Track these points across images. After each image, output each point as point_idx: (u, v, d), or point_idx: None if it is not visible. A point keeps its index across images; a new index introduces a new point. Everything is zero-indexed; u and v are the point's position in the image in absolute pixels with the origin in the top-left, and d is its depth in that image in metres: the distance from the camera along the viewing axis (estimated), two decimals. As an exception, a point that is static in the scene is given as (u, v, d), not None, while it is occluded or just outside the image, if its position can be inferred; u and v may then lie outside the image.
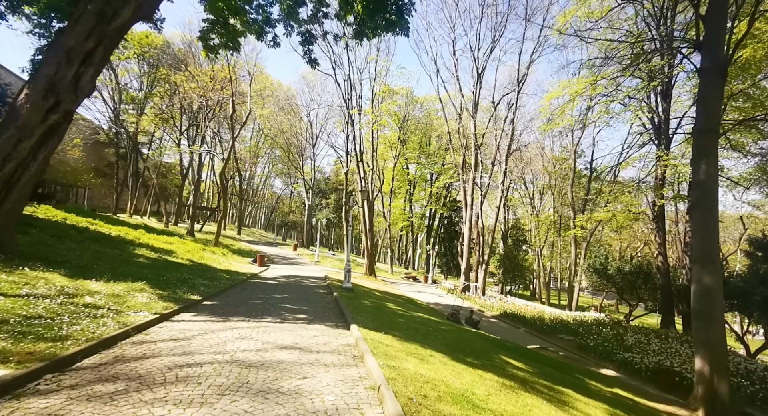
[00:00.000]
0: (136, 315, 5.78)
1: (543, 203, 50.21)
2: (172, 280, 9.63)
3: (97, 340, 4.27)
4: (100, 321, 4.98)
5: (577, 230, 22.51)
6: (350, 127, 25.60)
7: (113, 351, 4.29)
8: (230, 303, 8.53)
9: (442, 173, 49.58)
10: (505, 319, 20.00)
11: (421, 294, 23.73)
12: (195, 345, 4.84)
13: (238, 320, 6.74)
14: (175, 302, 7.24)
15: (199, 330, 5.75)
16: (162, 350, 4.48)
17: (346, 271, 13.45)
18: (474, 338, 9.60)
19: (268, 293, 10.98)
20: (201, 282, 10.40)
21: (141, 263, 11.60)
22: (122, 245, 13.95)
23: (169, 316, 6.40)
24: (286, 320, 7.15)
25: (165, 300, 7.23)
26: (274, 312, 7.81)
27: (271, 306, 8.54)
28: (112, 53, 11.53)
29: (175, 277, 10.15)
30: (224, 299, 9.02)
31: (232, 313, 7.34)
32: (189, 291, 8.69)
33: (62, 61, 8.63)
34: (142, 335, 5.12)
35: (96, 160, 46.29)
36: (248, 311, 7.72)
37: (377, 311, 9.82)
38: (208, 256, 18.50)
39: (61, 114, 8.64)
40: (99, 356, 4.07)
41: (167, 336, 5.15)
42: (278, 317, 7.36)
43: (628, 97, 19.12)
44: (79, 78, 8.84)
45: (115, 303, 6.19)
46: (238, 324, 6.35)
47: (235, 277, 13.58)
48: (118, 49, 35.26)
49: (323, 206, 56.13)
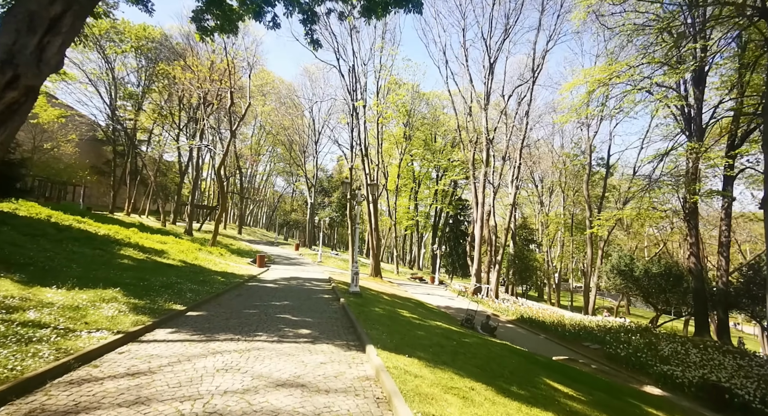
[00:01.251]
0: (90, 336, 4.45)
1: (551, 202, 48.77)
2: (155, 285, 8.33)
3: (8, 383, 2.95)
4: (32, 348, 3.66)
5: (597, 229, 21.12)
6: (355, 120, 24.25)
7: (31, 399, 2.97)
8: (220, 314, 7.21)
9: (449, 169, 48.19)
10: (522, 324, 18.63)
11: (430, 297, 22.38)
12: (158, 384, 3.52)
13: (225, 339, 5.41)
14: (150, 315, 5.93)
15: (171, 356, 4.42)
16: (106, 395, 3.16)
17: (353, 274, 12.12)
18: (504, 353, 8.26)
19: (267, 299, 9.66)
20: (190, 287, 9.09)
21: (123, 265, 10.30)
22: (107, 244, 12.67)
23: (138, 335, 5.09)
24: (285, 337, 5.82)
25: (138, 313, 5.91)
26: (272, 326, 6.48)
27: (268, 318, 7.22)
28: (85, 21, 10.14)
29: (159, 281, 8.85)
30: (214, 309, 7.70)
31: (219, 328, 6.03)
32: (172, 299, 7.38)
33: (22, 29, 7.25)
34: (90, 367, 3.80)
35: (94, 158, 45.16)
36: (240, 325, 6.40)
37: (391, 321, 8.48)
38: (204, 256, 17.21)
39: (21, 91, 7.26)
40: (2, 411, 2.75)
41: (124, 369, 3.83)
42: (276, 333, 6.04)
43: (656, 85, 17.71)
44: (44, 49, 7.48)
45: (69, 319, 4.87)
46: (224, 346, 5.03)
47: (230, 280, 12.27)
48: (114, 43, 34.16)
49: (326, 204, 54.84)
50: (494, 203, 26.00)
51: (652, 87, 17.76)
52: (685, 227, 16.62)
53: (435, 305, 19.91)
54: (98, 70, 34.00)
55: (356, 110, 24.35)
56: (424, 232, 55.39)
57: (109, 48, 33.56)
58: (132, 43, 34.55)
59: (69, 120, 31.68)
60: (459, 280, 53.78)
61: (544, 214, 40.93)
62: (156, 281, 8.85)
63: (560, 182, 43.67)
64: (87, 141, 42.48)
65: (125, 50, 34.50)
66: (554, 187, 47.02)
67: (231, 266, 16.70)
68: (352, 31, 20.87)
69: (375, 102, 24.16)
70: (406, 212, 50.18)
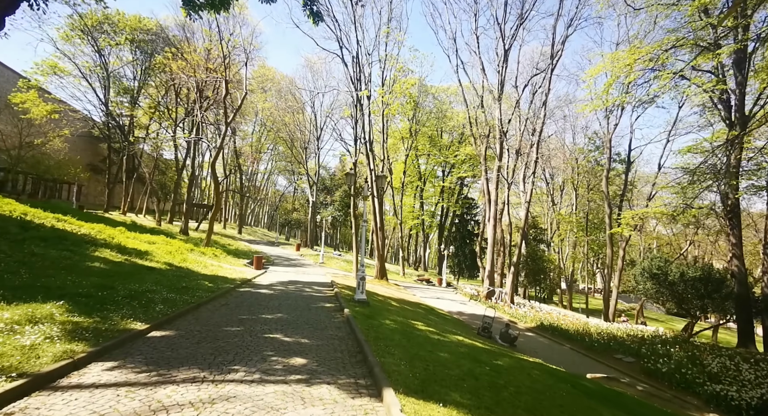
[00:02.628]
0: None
1: (562, 200, 47.06)
2: (119, 295, 6.78)
3: None
4: None
5: (622, 228, 19.45)
6: (359, 112, 22.70)
7: None
8: (192, 334, 5.65)
9: (456, 166, 46.54)
10: (543, 333, 17.01)
11: (440, 301, 20.80)
12: None
13: (184, 378, 3.86)
14: (91, 342, 4.39)
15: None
16: None
17: (359, 279, 10.55)
18: (548, 380, 6.66)
19: (257, 310, 8.11)
20: (164, 296, 7.55)
21: (91, 269, 8.79)
22: (80, 245, 11.17)
23: (56, 377, 3.54)
24: (270, 373, 4.26)
25: (74, 338, 4.37)
26: (255, 354, 4.92)
27: (253, 339, 5.65)
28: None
29: (127, 290, 7.30)
30: (187, 326, 6.14)
31: (183, 359, 4.48)
32: (134, 314, 5.84)
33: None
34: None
35: (91, 155, 43.87)
36: (213, 352, 4.85)
37: (407, 339, 6.91)
38: (194, 258, 15.70)
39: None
40: None
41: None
42: (259, 365, 4.48)
43: (692, 69, 16.02)
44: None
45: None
46: (179, 394, 3.47)
47: (218, 286, 10.73)
48: (108, 35, 32.76)
49: (328, 203, 53.35)
50: (508, 200, 24.34)
51: (686, 70, 16.07)
52: (727, 225, 14.93)
53: (446, 311, 18.35)
54: (91, 63, 32.62)
55: (360, 102, 22.80)
56: (429, 232, 53.73)
57: (102, 40, 32.13)
58: (126, 35, 33.16)
59: (63, 116, 30.29)
60: (465, 281, 52.13)
61: (557, 213, 39.18)
62: (123, 289, 7.31)
63: (572, 179, 41.95)
64: (83, 138, 41.15)
65: (119, 42, 33.10)
66: (565, 184, 45.31)
67: (224, 269, 15.18)
68: (356, 12, 19.19)
69: (380, 91, 22.57)
70: (411, 211, 48.59)
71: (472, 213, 56.84)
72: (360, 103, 22.77)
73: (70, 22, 29.96)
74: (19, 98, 27.08)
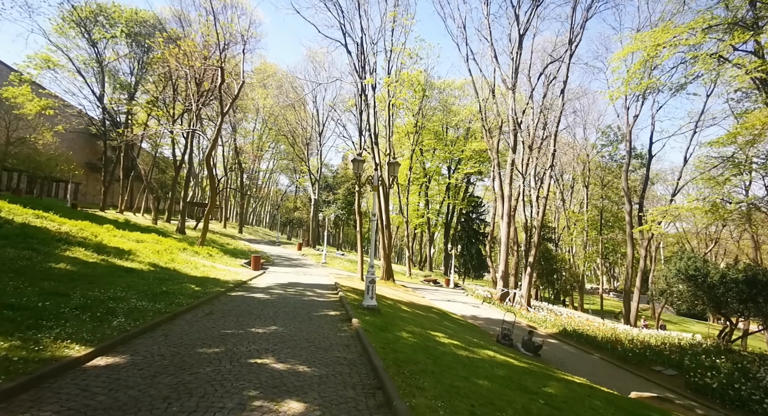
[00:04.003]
0: None
1: (572, 198, 45.45)
2: (70, 305, 5.36)
3: None
4: None
5: (649, 225, 17.90)
6: (363, 103, 21.27)
7: None
8: (149, 363, 4.20)
9: (462, 162, 45.05)
10: (567, 340, 15.50)
11: (452, 304, 19.34)
12: None
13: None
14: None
15: None
16: None
17: (369, 282, 9.09)
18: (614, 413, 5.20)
19: (246, 322, 6.67)
20: (132, 305, 6.13)
21: (51, 272, 7.39)
22: (50, 244, 9.79)
23: None
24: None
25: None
26: (231, 397, 3.46)
27: (233, 368, 4.20)
28: None
29: (83, 298, 5.89)
30: (147, 348, 4.68)
31: (116, 410, 3.04)
32: (79, 332, 4.42)
33: None
34: None
35: (89, 153, 42.70)
36: (168, 395, 3.39)
37: (434, 361, 5.47)
38: (185, 258, 14.30)
39: None
40: None
41: None
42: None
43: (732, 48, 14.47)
44: None
45: None
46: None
47: (206, 290, 9.30)
48: (103, 28, 31.50)
49: (331, 201, 51.94)
50: (524, 195, 22.83)
51: (726, 50, 14.53)
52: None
53: (460, 315, 16.89)
54: (86, 56, 31.33)
55: (365, 92, 21.36)
56: (434, 231, 52.22)
57: (96, 32, 30.81)
58: (122, 27, 31.87)
59: (59, 111, 29.03)
60: (471, 281, 50.58)
61: (570, 211, 37.60)
62: (79, 297, 5.89)
63: (583, 175, 40.35)
64: (82, 136, 39.99)
65: (115, 35, 31.80)
66: (575, 181, 43.70)
67: (217, 270, 13.77)
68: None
69: (387, 80, 21.12)
70: (416, 209, 47.11)
71: (478, 212, 55.32)
72: (365, 93, 21.33)
73: (61, 13, 28.70)
74: (11, 93, 25.81)
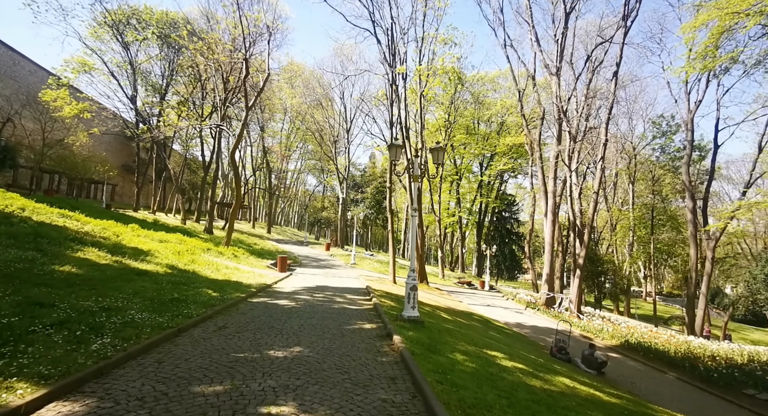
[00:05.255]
0: None
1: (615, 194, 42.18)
2: (47, 320, 4.30)
3: None
4: None
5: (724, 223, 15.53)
6: (394, 94, 19.95)
7: None
8: (127, 407, 3.02)
9: (495, 158, 42.89)
10: (630, 354, 13.50)
11: (493, 310, 17.64)
12: None
13: None
14: None
15: None
16: None
17: (410, 289, 7.68)
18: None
19: (265, 340, 5.45)
20: (128, 318, 5.04)
21: (50, 276, 6.48)
22: (61, 244, 9.05)
23: None
24: None
25: None
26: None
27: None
28: None
29: (69, 310, 4.84)
30: (127, 384, 3.48)
31: None
32: (37, 362, 3.31)
33: None
34: None
35: (126, 156, 43.74)
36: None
37: (506, 398, 4.03)
38: (207, 259, 13.45)
39: None
40: None
41: None
42: None
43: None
44: None
45: None
46: None
47: (225, 296, 8.22)
48: (137, 31, 31.87)
49: (359, 200, 50.95)
50: (572, 189, 20.73)
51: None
52: None
53: (503, 323, 15.20)
54: (120, 59, 31.84)
55: (395, 83, 20.02)
56: (466, 230, 50.17)
57: (129, 34, 31.15)
58: (153, 29, 32.14)
59: (95, 115, 29.60)
60: (504, 282, 48.18)
61: (615, 207, 34.70)
62: (65, 308, 4.86)
63: (629, 170, 37.20)
64: (118, 139, 41.02)
65: (146, 37, 32.11)
66: (619, 177, 40.46)
67: (240, 272, 12.80)
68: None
69: (418, 68, 19.67)
70: (446, 208, 45.27)
71: (511, 210, 52.82)
72: (395, 84, 19.99)
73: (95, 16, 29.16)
74: (50, 96, 26.32)
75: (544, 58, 21.00)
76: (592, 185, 31.03)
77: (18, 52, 28.45)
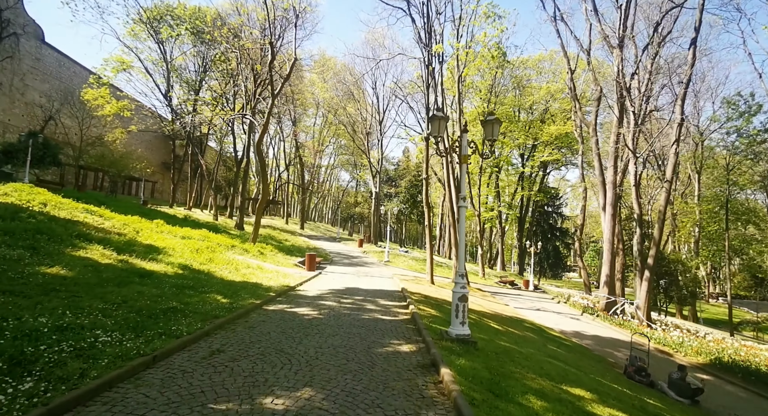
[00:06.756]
0: None
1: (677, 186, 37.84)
2: None
3: None
4: None
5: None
6: (430, 76, 18.15)
7: None
8: None
9: (537, 148, 39.87)
10: (724, 375, 11.06)
11: (544, 315, 15.55)
12: None
13: None
14: None
15: None
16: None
17: (458, 301, 5.99)
18: None
19: (264, 376, 4.02)
20: (88, 343, 3.80)
21: (30, 280, 5.43)
22: (62, 241, 8.20)
23: None
24: None
25: None
26: None
27: None
28: None
29: (19, 329, 3.66)
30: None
31: None
32: None
33: None
34: None
35: (165, 154, 44.85)
36: None
37: None
38: (228, 257, 12.39)
39: None
40: None
41: None
42: None
43: None
44: None
45: None
46: None
47: (235, 303, 6.93)
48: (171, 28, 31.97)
49: (392, 195, 49.42)
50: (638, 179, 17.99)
51: None
52: None
53: (559, 332, 13.15)
54: (156, 57, 32.11)
55: (431, 64, 18.19)
56: (506, 225, 47.37)
57: (163, 31, 31.21)
58: (187, 25, 32.09)
59: (134, 113, 30.07)
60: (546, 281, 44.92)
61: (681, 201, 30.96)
62: (11, 327, 3.67)
63: (696, 158, 33.09)
64: (158, 137, 42.00)
65: (180, 33, 32.10)
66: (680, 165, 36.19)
67: (263, 272, 11.63)
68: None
69: (456, 45, 17.73)
70: (484, 202, 42.78)
71: (554, 204, 49.43)
72: (431, 65, 18.17)
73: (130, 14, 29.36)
74: (91, 95, 26.75)
75: (603, 29, 18.36)
76: (655, 175, 27.69)
77: (62, 53, 29.17)
